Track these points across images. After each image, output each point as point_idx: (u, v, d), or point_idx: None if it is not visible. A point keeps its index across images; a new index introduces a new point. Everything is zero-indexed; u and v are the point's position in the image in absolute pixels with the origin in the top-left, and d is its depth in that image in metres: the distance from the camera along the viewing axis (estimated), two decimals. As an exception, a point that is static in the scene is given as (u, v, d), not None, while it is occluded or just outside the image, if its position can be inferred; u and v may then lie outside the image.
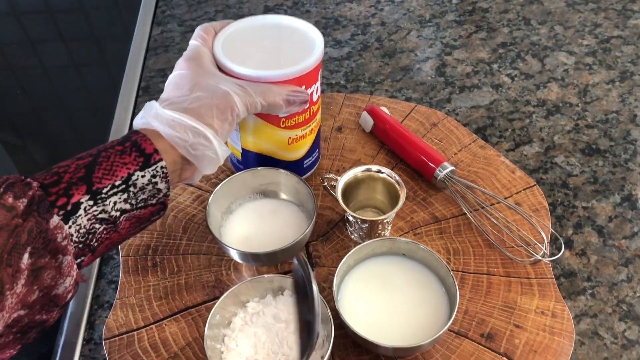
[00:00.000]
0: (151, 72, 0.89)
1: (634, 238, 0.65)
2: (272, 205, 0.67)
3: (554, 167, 0.73)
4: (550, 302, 0.60)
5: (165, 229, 0.68)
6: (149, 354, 0.58)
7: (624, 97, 0.80)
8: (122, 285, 0.64)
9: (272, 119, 0.63)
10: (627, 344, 0.58)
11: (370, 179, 0.65)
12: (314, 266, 0.64)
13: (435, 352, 0.57)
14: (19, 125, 0.89)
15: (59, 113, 0.90)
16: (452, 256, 0.64)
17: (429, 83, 0.84)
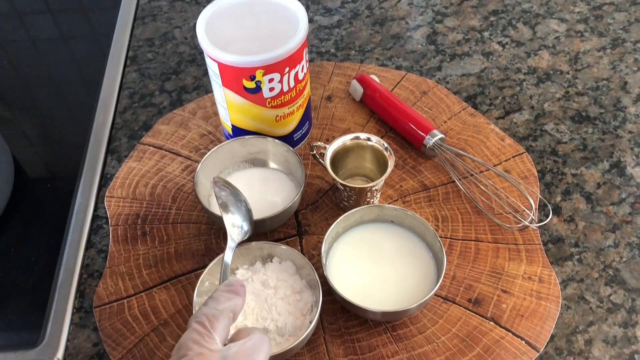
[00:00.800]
0: (139, 42, 0.88)
1: (622, 204, 0.66)
2: (262, 174, 0.67)
3: (543, 134, 0.73)
4: (537, 268, 0.61)
5: (155, 199, 0.68)
6: (139, 321, 0.59)
7: (615, 65, 0.80)
8: (111, 254, 0.64)
9: (258, 100, 0.63)
10: (613, 307, 0.58)
11: (359, 147, 0.64)
12: (303, 234, 0.64)
13: (423, 317, 0.58)
14: (8, 99, 0.88)
15: (48, 85, 0.89)
16: (441, 223, 0.64)
17: (420, 51, 0.83)
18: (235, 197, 0.57)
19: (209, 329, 0.42)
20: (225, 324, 0.43)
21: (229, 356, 0.40)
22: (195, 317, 0.43)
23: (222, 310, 0.44)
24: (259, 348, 0.42)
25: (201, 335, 0.42)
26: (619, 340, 0.56)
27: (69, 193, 0.70)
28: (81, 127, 0.78)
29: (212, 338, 0.42)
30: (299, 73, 0.63)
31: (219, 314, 0.43)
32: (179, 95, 0.80)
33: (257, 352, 0.41)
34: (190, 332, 0.42)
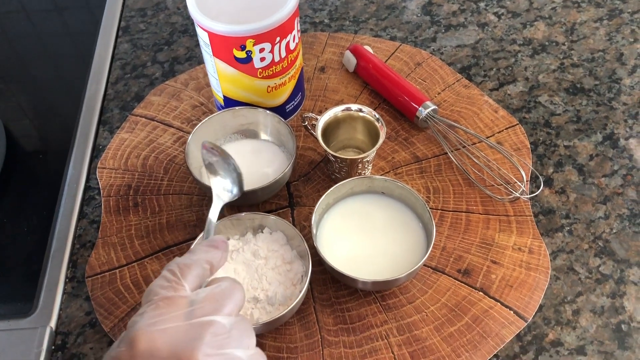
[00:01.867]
0: (131, 12, 0.87)
1: (614, 176, 0.66)
2: (253, 146, 0.67)
3: (537, 106, 0.72)
4: (527, 239, 0.61)
5: (146, 170, 0.68)
6: (131, 290, 0.59)
7: (611, 36, 0.79)
8: (103, 224, 0.64)
9: (249, 70, 0.62)
10: (601, 278, 0.59)
11: (350, 118, 0.64)
12: (294, 206, 0.65)
13: (412, 287, 0.58)
14: (2, 71, 0.87)
15: (40, 57, 0.88)
16: (432, 195, 0.64)
17: (415, 22, 0.82)
18: (224, 160, 0.56)
19: (178, 276, 0.41)
20: (197, 272, 0.42)
21: (196, 301, 0.39)
22: (168, 266, 0.43)
23: (195, 260, 0.43)
24: (229, 294, 0.41)
25: (170, 281, 0.41)
26: (606, 310, 0.57)
27: (61, 164, 0.70)
28: (73, 99, 0.77)
29: (181, 285, 0.41)
30: (290, 43, 0.62)
31: (192, 263, 0.43)
32: (171, 66, 0.79)
33: (227, 298, 0.40)
34: (159, 279, 0.41)
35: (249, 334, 0.40)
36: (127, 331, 0.38)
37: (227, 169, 0.56)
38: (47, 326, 0.57)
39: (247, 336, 0.39)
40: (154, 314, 0.38)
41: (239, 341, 0.38)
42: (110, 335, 0.56)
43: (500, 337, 0.55)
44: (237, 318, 0.40)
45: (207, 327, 0.37)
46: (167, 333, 0.37)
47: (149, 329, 0.37)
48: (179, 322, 0.37)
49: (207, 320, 0.38)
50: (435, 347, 0.54)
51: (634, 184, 0.65)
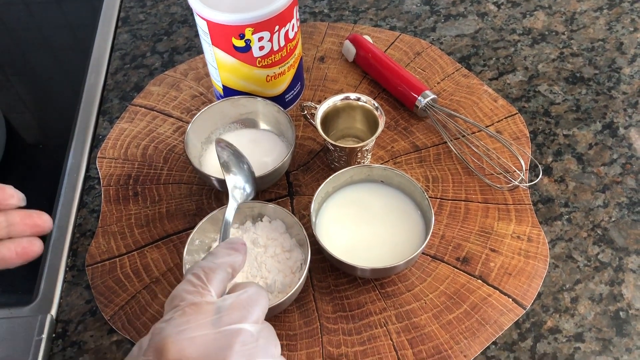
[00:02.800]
0: (130, 2, 0.87)
1: (613, 165, 0.66)
2: (252, 135, 0.67)
3: (536, 95, 0.72)
4: (526, 227, 0.61)
5: (146, 160, 0.68)
6: (131, 279, 0.59)
7: (611, 25, 0.79)
8: (103, 214, 0.64)
9: (248, 59, 0.62)
10: (600, 266, 0.59)
11: (349, 107, 0.64)
12: (294, 195, 0.65)
13: (411, 275, 0.58)
14: (1, 62, 0.87)
15: (40, 48, 0.88)
16: (431, 184, 0.64)
17: (414, 12, 0.82)
18: (238, 159, 0.56)
19: (204, 280, 0.40)
20: (222, 277, 0.41)
21: (223, 307, 0.38)
22: (191, 270, 0.42)
23: (219, 264, 0.42)
24: (255, 301, 0.40)
25: (195, 286, 0.40)
26: (604, 298, 0.57)
27: (61, 154, 0.70)
28: (73, 89, 0.77)
29: (207, 290, 0.40)
30: (289, 32, 0.62)
31: (216, 267, 0.42)
32: (170, 57, 0.79)
33: (253, 305, 0.39)
34: (184, 284, 0.40)
35: (275, 342, 0.39)
36: (152, 338, 0.37)
37: (240, 166, 0.56)
38: (48, 314, 0.58)
39: (273, 345, 0.39)
40: (181, 321, 0.37)
41: (265, 350, 0.37)
42: (110, 323, 0.57)
43: (499, 324, 0.55)
44: (263, 325, 0.39)
45: (236, 336, 0.36)
46: (196, 342, 0.36)
47: (178, 337, 0.35)
48: (207, 330, 0.36)
49: (235, 329, 0.37)
50: (434, 335, 0.55)
51: (633, 173, 0.65)
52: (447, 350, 0.54)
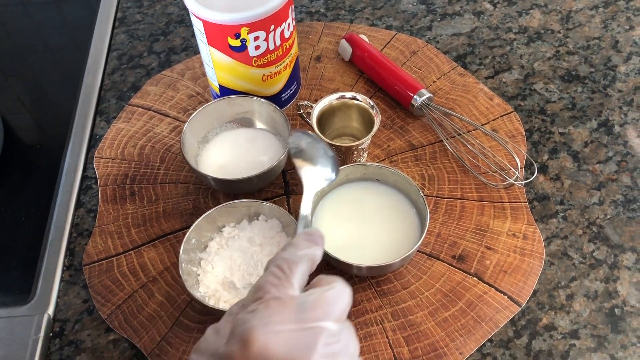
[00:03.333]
0: (127, 3, 0.87)
1: (608, 162, 0.66)
2: (249, 134, 0.67)
3: (532, 93, 0.72)
4: (522, 225, 0.61)
5: (143, 159, 0.68)
6: (128, 278, 0.60)
7: (606, 23, 0.79)
8: (100, 213, 0.64)
9: (244, 58, 0.62)
10: (595, 263, 0.59)
11: (345, 106, 0.64)
12: (290, 194, 0.65)
13: (407, 273, 0.58)
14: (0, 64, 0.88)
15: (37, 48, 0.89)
16: (427, 182, 0.65)
17: (410, 11, 0.83)
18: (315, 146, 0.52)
19: (287, 273, 0.39)
20: (303, 270, 0.40)
21: (307, 303, 0.37)
22: (274, 261, 0.40)
23: (301, 256, 0.41)
24: (340, 298, 0.38)
25: (279, 279, 0.39)
26: (600, 295, 0.57)
27: (58, 154, 0.71)
28: (70, 89, 0.77)
29: (290, 283, 0.38)
30: (285, 31, 0.62)
31: (298, 260, 0.40)
32: (167, 57, 0.80)
33: (337, 303, 0.37)
34: (268, 275, 0.39)
35: (355, 342, 0.38)
36: (236, 327, 0.36)
37: (318, 154, 0.52)
38: (45, 313, 0.58)
39: (353, 344, 0.38)
40: (265, 314, 0.36)
41: (346, 349, 0.37)
42: (107, 322, 0.57)
43: (495, 321, 0.55)
44: (344, 324, 0.38)
45: (320, 334, 0.35)
46: (280, 337, 0.35)
47: (263, 330, 0.35)
48: (291, 326, 0.35)
49: (319, 327, 0.36)
50: (430, 332, 0.55)
51: (629, 170, 0.65)
52: (442, 348, 0.54)
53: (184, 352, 0.55)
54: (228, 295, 0.55)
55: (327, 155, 0.52)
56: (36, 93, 0.82)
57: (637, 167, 0.65)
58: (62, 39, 0.90)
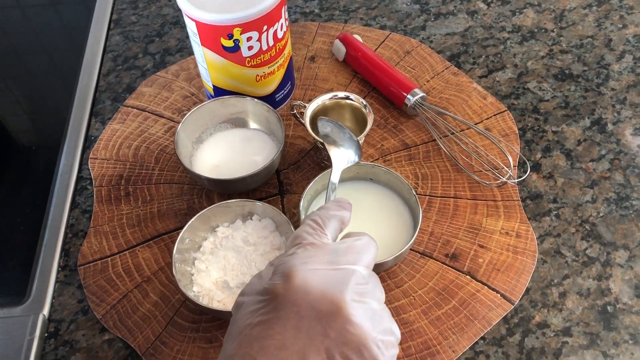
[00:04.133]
0: (123, 4, 0.87)
1: (601, 160, 0.66)
2: (243, 135, 0.68)
3: (526, 92, 0.72)
4: (515, 223, 0.61)
5: (138, 160, 0.69)
6: (123, 278, 0.60)
7: (600, 22, 0.79)
8: (95, 214, 0.65)
9: (237, 59, 0.63)
10: (588, 261, 0.59)
11: (338, 106, 0.65)
12: (284, 193, 0.65)
13: (400, 271, 0.59)
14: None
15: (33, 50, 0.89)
16: (421, 181, 0.65)
17: (404, 11, 0.83)
18: (340, 130, 0.58)
19: (321, 225, 0.44)
20: (335, 226, 0.45)
21: (339, 249, 0.41)
22: (310, 216, 0.45)
23: (332, 215, 0.45)
24: (368, 248, 0.42)
25: (314, 229, 0.43)
26: (592, 293, 0.57)
27: (53, 155, 0.71)
28: (66, 90, 0.78)
29: (324, 233, 0.43)
30: (278, 31, 0.63)
31: (331, 217, 0.45)
32: (162, 58, 0.80)
33: (365, 252, 0.42)
34: (304, 226, 0.44)
35: (381, 289, 0.41)
36: (278, 267, 0.40)
37: (344, 138, 0.58)
38: (40, 314, 0.58)
39: (379, 290, 0.41)
40: (304, 255, 0.40)
41: (373, 292, 0.40)
42: (102, 322, 0.57)
43: (487, 319, 0.55)
44: (371, 272, 0.42)
45: (351, 275, 0.39)
46: (317, 274, 0.39)
47: (302, 267, 0.39)
48: (327, 266, 0.39)
49: (350, 269, 0.39)
50: (423, 330, 0.55)
51: (621, 168, 0.65)
52: (435, 346, 0.54)
53: (178, 352, 0.55)
54: (222, 295, 0.55)
55: (352, 139, 0.58)
56: (31, 94, 0.83)
57: (630, 164, 0.65)
58: (58, 40, 0.90)
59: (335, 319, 0.37)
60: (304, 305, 0.37)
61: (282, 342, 0.36)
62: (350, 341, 0.36)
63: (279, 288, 0.38)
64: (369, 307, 0.38)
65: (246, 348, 0.37)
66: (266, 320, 0.37)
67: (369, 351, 0.37)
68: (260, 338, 0.37)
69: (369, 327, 0.37)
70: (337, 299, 0.37)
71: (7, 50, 0.90)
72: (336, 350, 0.36)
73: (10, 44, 0.91)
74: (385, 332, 0.39)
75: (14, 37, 0.91)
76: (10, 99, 0.82)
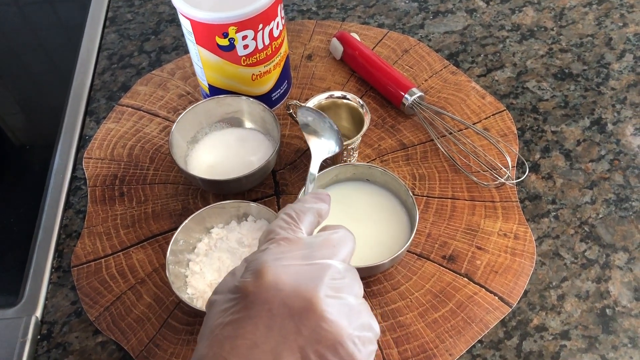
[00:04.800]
0: (118, 2, 0.86)
1: (601, 161, 0.65)
2: (238, 134, 0.67)
3: (525, 92, 0.72)
4: (513, 225, 0.61)
5: (132, 160, 0.68)
6: (116, 280, 0.59)
7: (600, 21, 0.78)
8: (89, 214, 0.64)
9: (232, 58, 0.62)
10: (587, 263, 0.59)
11: (334, 105, 0.64)
12: (280, 194, 0.64)
13: (397, 273, 0.58)
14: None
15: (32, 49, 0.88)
16: (418, 182, 0.64)
17: (403, 9, 0.82)
18: (321, 119, 0.56)
19: (295, 219, 0.42)
20: (311, 220, 0.43)
21: (314, 244, 0.40)
22: (284, 210, 0.44)
23: (308, 208, 0.44)
24: (344, 242, 0.41)
25: (288, 224, 0.42)
26: (591, 295, 0.57)
27: (47, 155, 0.70)
28: (60, 89, 0.77)
29: (299, 227, 0.42)
30: (273, 30, 0.62)
31: (306, 210, 0.44)
32: (158, 56, 0.79)
33: (342, 245, 0.41)
34: (278, 221, 0.42)
35: (359, 284, 0.40)
36: (250, 264, 0.39)
37: (324, 127, 0.56)
38: (33, 316, 0.57)
39: (357, 285, 0.40)
40: (277, 251, 0.39)
41: (351, 287, 0.39)
42: (95, 324, 0.57)
43: (485, 322, 0.55)
44: (349, 266, 0.41)
45: (326, 270, 0.38)
46: (290, 269, 0.38)
47: (274, 263, 0.38)
48: (300, 262, 0.38)
49: (325, 264, 0.39)
50: (420, 333, 0.54)
51: (621, 169, 0.65)
52: (432, 349, 0.53)
53: (172, 355, 0.54)
54: (216, 297, 0.55)
55: (332, 129, 0.56)
56: (26, 92, 0.82)
57: (629, 165, 0.65)
58: (53, 38, 0.90)
59: (309, 316, 0.36)
60: (276, 303, 0.36)
61: (253, 342, 0.35)
62: (324, 338, 0.35)
63: (249, 286, 0.37)
64: (344, 303, 0.37)
65: (217, 348, 0.36)
66: (237, 319, 0.36)
67: (345, 348, 0.36)
68: (232, 338, 0.36)
69: (345, 324, 0.36)
70: (310, 295, 0.36)
71: (2, 48, 0.89)
72: (310, 349, 0.35)
73: (4, 41, 0.90)
74: (363, 327, 0.38)
75: (9, 35, 0.90)
76: (4, 97, 0.81)
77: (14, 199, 0.69)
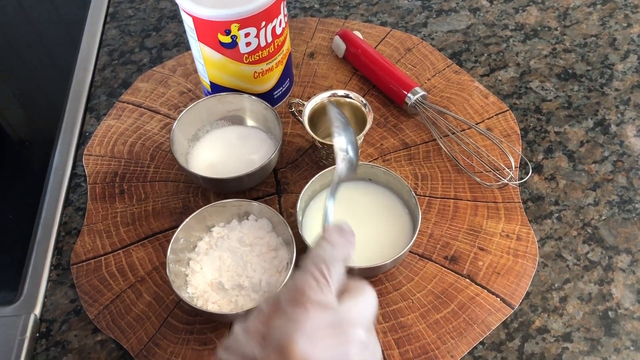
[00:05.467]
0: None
1: (604, 162, 0.65)
2: (240, 132, 0.67)
3: (528, 92, 0.71)
4: (515, 226, 0.60)
5: (133, 157, 0.67)
6: (116, 278, 0.59)
7: (604, 21, 0.78)
8: (89, 212, 0.64)
9: (235, 55, 0.61)
10: (589, 265, 0.58)
11: (337, 104, 0.63)
12: (282, 193, 0.64)
13: (399, 274, 0.58)
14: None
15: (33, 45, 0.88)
16: (420, 181, 0.64)
17: (406, 7, 0.81)
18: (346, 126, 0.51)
19: (327, 277, 0.38)
20: (340, 273, 0.39)
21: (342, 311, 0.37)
22: (314, 261, 0.38)
23: (338, 258, 0.39)
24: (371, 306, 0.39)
25: (318, 282, 0.37)
26: (593, 297, 0.56)
27: (47, 151, 0.70)
28: (61, 85, 0.76)
29: (329, 287, 0.37)
30: (276, 27, 0.61)
31: (337, 262, 0.39)
32: (159, 52, 0.79)
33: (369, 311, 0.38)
34: (307, 277, 0.38)
35: (379, 348, 0.39)
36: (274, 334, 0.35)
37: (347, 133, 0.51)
38: (32, 314, 0.57)
39: (378, 350, 0.39)
40: (304, 320, 0.36)
41: (374, 355, 0.37)
42: (94, 323, 0.56)
43: (487, 324, 0.54)
44: (371, 326, 0.39)
45: (355, 345, 0.36)
46: (319, 346, 0.35)
47: (302, 338, 0.35)
48: (329, 335, 0.36)
49: (353, 337, 0.36)
50: (421, 334, 0.54)
51: (625, 170, 0.64)
52: (434, 350, 0.53)
53: (171, 354, 0.54)
54: (217, 297, 0.54)
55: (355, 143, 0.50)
56: (26, 88, 0.82)
57: (633, 167, 0.64)
58: (54, 34, 0.89)
59: None
60: None
61: None
62: None
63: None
64: None
65: None
66: None
67: None
68: None
69: None
70: None
71: (2, 43, 0.88)
72: None
73: (5, 36, 0.90)
74: None
75: (9, 30, 0.90)
76: (4, 93, 0.81)
77: (13, 196, 0.68)
